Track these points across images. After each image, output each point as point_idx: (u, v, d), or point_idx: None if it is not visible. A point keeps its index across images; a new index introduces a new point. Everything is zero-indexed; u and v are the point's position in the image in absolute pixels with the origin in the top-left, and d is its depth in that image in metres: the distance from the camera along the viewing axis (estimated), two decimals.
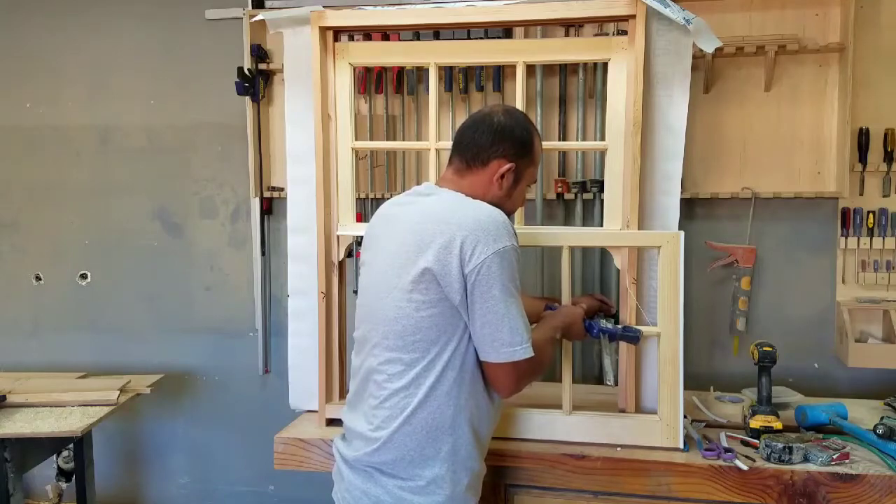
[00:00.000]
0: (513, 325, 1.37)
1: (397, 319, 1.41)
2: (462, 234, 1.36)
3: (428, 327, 1.39)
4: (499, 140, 1.49)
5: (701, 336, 2.51)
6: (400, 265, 1.41)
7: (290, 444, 1.94)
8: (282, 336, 2.75)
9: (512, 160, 1.50)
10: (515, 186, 1.54)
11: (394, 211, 1.54)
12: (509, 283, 1.37)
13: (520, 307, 1.40)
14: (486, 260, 1.35)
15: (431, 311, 1.39)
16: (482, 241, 1.35)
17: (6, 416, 2.31)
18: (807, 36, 2.35)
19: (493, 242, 1.35)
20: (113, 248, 2.93)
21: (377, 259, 1.50)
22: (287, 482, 2.86)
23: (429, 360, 1.40)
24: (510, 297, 1.37)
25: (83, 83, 2.89)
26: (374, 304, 1.48)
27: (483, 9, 1.91)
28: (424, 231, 1.40)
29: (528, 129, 1.54)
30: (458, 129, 1.56)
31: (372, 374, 1.46)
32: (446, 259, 1.36)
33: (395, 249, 1.43)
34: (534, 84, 2.46)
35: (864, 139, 2.32)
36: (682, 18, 1.79)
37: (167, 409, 2.95)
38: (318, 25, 1.93)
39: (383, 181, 2.62)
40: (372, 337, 1.47)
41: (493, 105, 1.59)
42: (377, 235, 1.55)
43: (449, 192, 1.49)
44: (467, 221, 1.37)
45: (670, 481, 1.72)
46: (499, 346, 1.38)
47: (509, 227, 1.40)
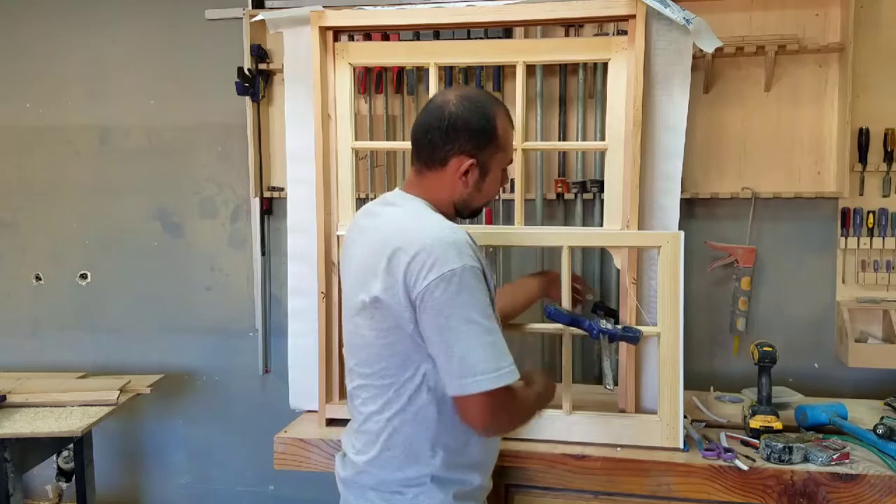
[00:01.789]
0: (464, 356, 1.24)
1: (363, 347, 1.37)
2: (406, 258, 1.26)
3: (391, 355, 1.33)
4: (453, 136, 1.36)
5: (701, 336, 2.51)
6: (359, 288, 1.35)
7: (290, 444, 1.94)
8: (282, 336, 2.75)
9: (472, 154, 1.37)
10: (484, 179, 1.42)
11: (364, 224, 1.44)
12: (462, 308, 1.24)
13: (479, 334, 1.25)
14: (430, 286, 1.24)
15: (391, 338, 1.31)
16: (426, 266, 1.24)
17: (6, 416, 2.31)
18: (807, 36, 2.35)
19: (437, 266, 1.24)
20: (113, 248, 2.93)
21: (346, 277, 1.46)
22: (287, 482, 2.86)
23: (398, 387, 1.34)
24: (465, 323, 1.24)
25: (83, 83, 2.89)
26: (346, 327, 1.45)
27: (483, 9, 1.91)
28: (375, 253, 1.32)
29: (488, 113, 1.38)
30: (413, 125, 1.43)
31: (352, 397, 1.46)
32: (393, 287, 1.27)
33: (356, 271, 1.38)
34: (534, 84, 2.46)
35: (864, 139, 2.32)
36: (682, 18, 1.79)
37: (167, 409, 2.95)
38: (318, 25, 1.93)
39: (383, 181, 2.62)
40: (349, 360, 1.45)
41: (445, 92, 1.41)
42: (348, 249, 1.48)
43: (410, 203, 1.39)
44: (411, 245, 1.27)
45: (670, 481, 1.72)
46: (450, 379, 1.27)
47: (461, 247, 1.27)
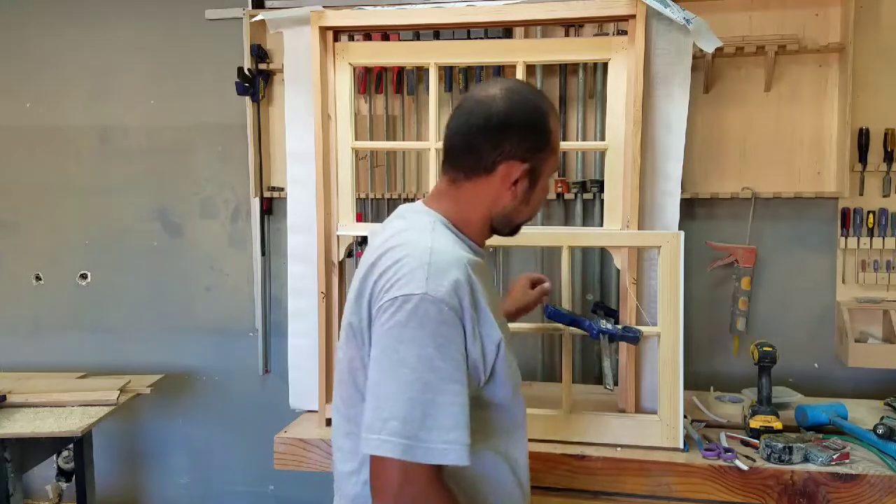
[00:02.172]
0: (377, 403, 1.02)
1: (339, 382, 1.19)
2: (376, 274, 1.09)
3: (355, 392, 1.13)
4: (503, 137, 1.13)
5: (701, 336, 2.51)
6: (347, 312, 1.18)
7: (290, 444, 1.94)
8: (282, 336, 2.75)
9: (525, 159, 1.14)
10: (533, 188, 1.19)
11: (370, 240, 1.28)
12: (401, 343, 1.02)
13: (410, 383, 1.00)
14: (382, 306, 1.04)
15: (356, 373, 1.13)
16: (388, 283, 1.05)
17: (6, 416, 2.31)
18: (807, 36, 2.35)
19: (398, 285, 1.04)
20: (113, 248, 2.93)
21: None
22: (287, 482, 2.86)
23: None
24: (396, 364, 1.01)
25: (83, 83, 2.89)
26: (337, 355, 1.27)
27: (483, 9, 1.91)
28: (359, 273, 1.15)
29: (540, 108, 1.16)
30: (447, 127, 1.20)
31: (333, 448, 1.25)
32: (361, 308, 1.10)
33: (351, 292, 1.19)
34: (534, 84, 2.46)
35: (864, 139, 2.32)
36: (682, 18, 1.79)
37: (167, 409, 2.95)
38: (318, 25, 1.93)
39: (383, 181, 2.62)
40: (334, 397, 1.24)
41: (485, 86, 1.19)
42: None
43: (418, 217, 1.17)
44: (388, 260, 1.09)
45: (670, 481, 1.72)
46: (363, 429, 1.03)
47: (442, 273, 1.05)
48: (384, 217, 2.60)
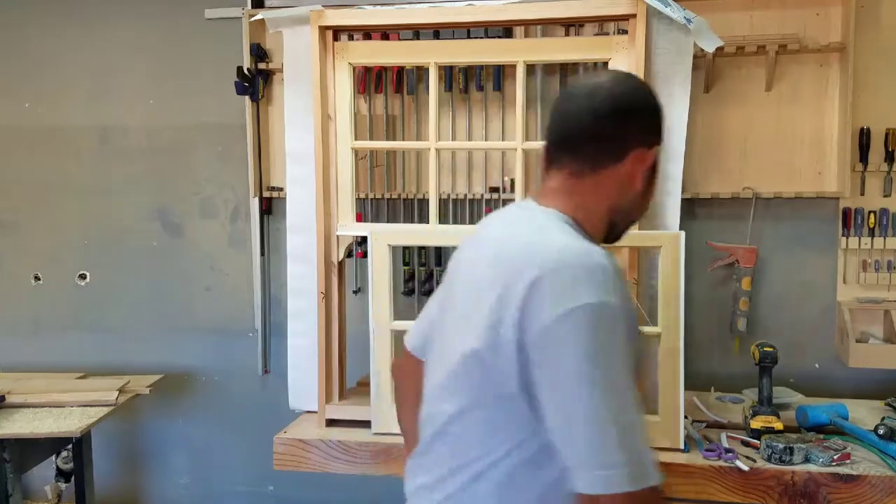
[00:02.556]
0: (592, 436, 0.88)
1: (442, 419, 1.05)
2: (522, 286, 0.93)
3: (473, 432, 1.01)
4: (632, 122, 1.05)
5: (701, 336, 2.51)
6: (459, 332, 1.03)
7: (290, 444, 1.94)
8: (282, 336, 2.74)
9: (650, 143, 1.07)
10: (652, 180, 1.11)
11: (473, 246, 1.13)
12: (589, 361, 0.88)
13: (612, 407, 0.88)
14: (553, 325, 0.89)
15: (479, 411, 1.00)
16: (551, 299, 0.90)
17: (5, 417, 2.30)
18: (807, 36, 2.35)
19: (566, 298, 0.90)
20: (113, 248, 2.93)
21: (449, 313, 1.11)
22: (287, 482, 2.85)
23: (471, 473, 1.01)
24: (592, 387, 0.88)
25: (83, 83, 2.89)
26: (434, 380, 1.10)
27: (483, 9, 1.91)
28: (478, 281, 1.01)
29: (654, 94, 1.12)
30: (557, 115, 1.08)
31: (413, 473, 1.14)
32: (497, 329, 0.94)
33: (460, 304, 1.06)
34: (534, 84, 2.46)
35: (865, 139, 2.32)
36: (682, 18, 1.78)
37: (167, 409, 2.94)
38: (318, 25, 1.93)
39: (383, 181, 2.61)
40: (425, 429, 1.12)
41: (591, 75, 1.14)
42: (455, 277, 1.14)
43: (537, 214, 1.05)
44: (531, 267, 0.93)
45: (671, 482, 1.71)
46: (578, 468, 0.89)
47: (604, 275, 0.92)
48: (384, 217, 2.64)
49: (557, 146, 1.08)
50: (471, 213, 2.57)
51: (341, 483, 2.77)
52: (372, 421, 1.94)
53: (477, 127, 2.56)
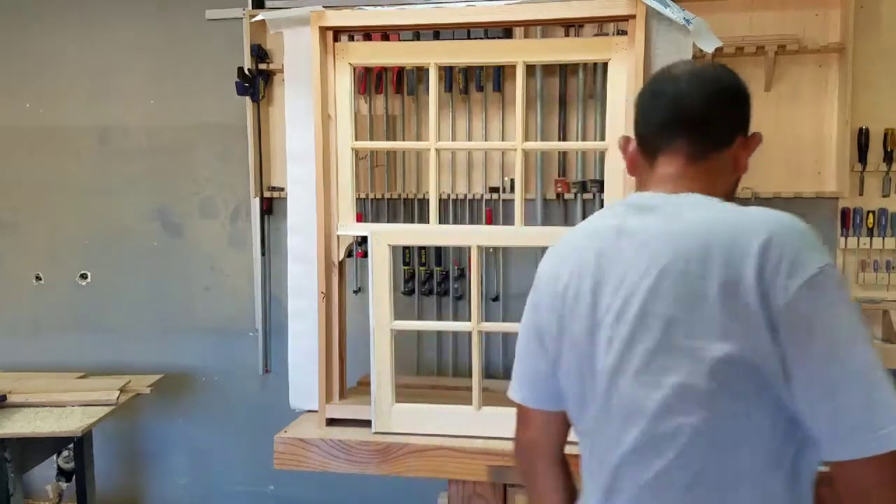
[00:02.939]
0: (880, 388, 0.83)
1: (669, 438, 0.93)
2: (753, 258, 0.87)
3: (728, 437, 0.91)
4: (740, 107, 1.06)
5: None
6: (670, 329, 0.91)
7: (291, 443, 1.94)
8: (282, 336, 2.74)
9: (748, 130, 1.08)
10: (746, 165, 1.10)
11: (622, 237, 1.00)
12: (854, 322, 0.85)
13: (874, 361, 0.85)
14: (799, 293, 0.84)
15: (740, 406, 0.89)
16: (784, 264, 0.86)
17: (6, 416, 2.31)
18: (807, 36, 2.35)
19: (802, 264, 0.86)
20: (113, 248, 2.93)
21: (610, 310, 0.98)
22: (287, 482, 2.86)
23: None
24: (865, 345, 0.85)
25: (83, 83, 2.89)
26: (627, 385, 0.96)
27: (483, 9, 1.91)
28: (683, 271, 0.91)
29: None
30: (683, 96, 1.04)
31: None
32: (746, 317, 0.86)
33: (649, 299, 0.93)
34: (534, 84, 2.46)
35: (864, 139, 2.32)
36: (682, 18, 1.79)
37: (167, 409, 2.95)
38: (318, 25, 1.93)
39: (383, 181, 2.62)
40: (600, 441, 1.03)
41: (687, 64, 1.12)
42: (600, 273, 1.00)
43: (695, 197, 1.00)
44: (750, 237, 0.89)
45: None
46: (860, 430, 0.83)
47: (815, 236, 0.92)
48: (384, 217, 2.64)
49: (673, 130, 1.04)
50: (471, 213, 2.58)
51: (341, 483, 2.78)
52: (372, 420, 1.94)
53: (477, 127, 2.57)
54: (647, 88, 1.11)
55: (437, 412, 1.93)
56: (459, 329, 2.27)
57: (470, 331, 1.93)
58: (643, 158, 1.09)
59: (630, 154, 1.13)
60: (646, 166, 1.08)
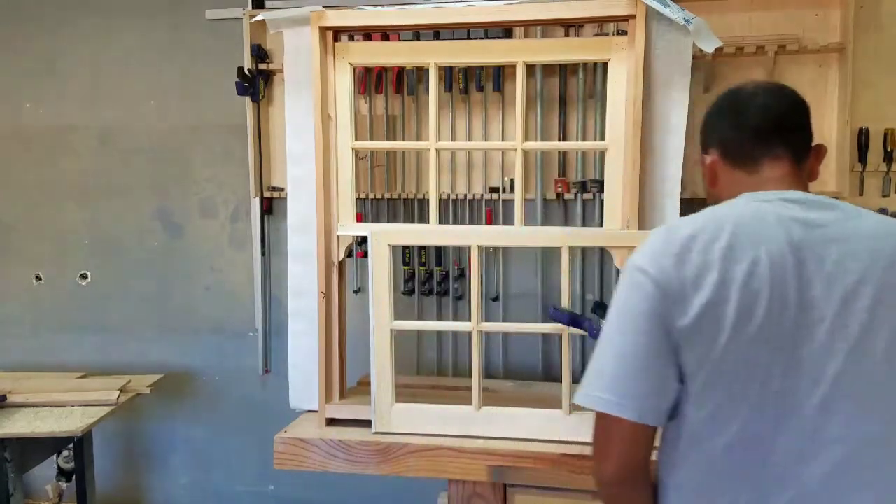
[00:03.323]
0: None
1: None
2: None
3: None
4: (810, 117, 1.19)
5: None
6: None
7: (291, 443, 1.94)
8: (282, 336, 2.75)
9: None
10: None
11: (815, 235, 1.05)
12: None
13: None
14: None
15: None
16: None
17: (6, 416, 2.31)
18: (807, 36, 2.35)
19: None
20: (113, 248, 2.93)
21: (828, 301, 1.02)
22: (287, 482, 2.86)
23: None
24: None
25: (83, 83, 2.89)
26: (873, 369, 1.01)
27: (483, 9, 1.91)
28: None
29: None
30: (771, 108, 1.16)
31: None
32: None
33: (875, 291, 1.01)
34: (534, 84, 2.46)
35: (864, 139, 2.32)
36: (682, 18, 1.79)
37: (167, 409, 2.95)
38: (318, 25, 1.93)
39: (383, 181, 2.62)
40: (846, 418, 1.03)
41: (766, 81, 1.27)
42: (801, 272, 1.02)
43: (840, 203, 1.11)
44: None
45: None
46: None
47: None
48: (384, 217, 2.64)
49: (770, 137, 1.14)
50: (471, 213, 2.58)
51: (341, 483, 2.78)
52: (372, 420, 1.94)
53: (477, 127, 2.57)
54: (722, 105, 1.22)
55: (437, 412, 1.93)
56: (459, 329, 2.27)
57: (470, 331, 1.93)
58: (732, 167, 1.18)
59: (710, 166, 1.21)
60: (737, 173, 1.17)
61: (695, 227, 1.08)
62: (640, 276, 1.07)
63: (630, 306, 1.08)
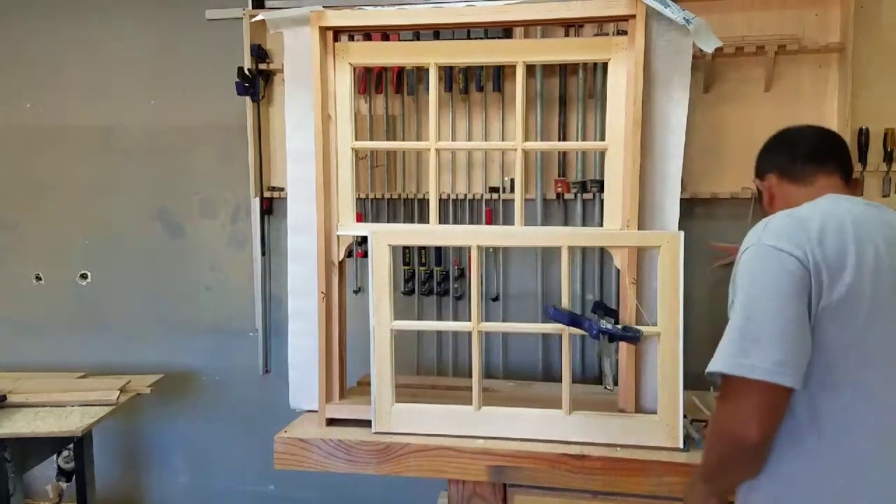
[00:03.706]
0: None
1: None
2: None
3: None
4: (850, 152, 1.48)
5: (701, 336, 2.50)
6: None
7: (290, 443, 1.94)
8: (282, 336, 2.75)
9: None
10: None
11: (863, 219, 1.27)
12: None
13: None
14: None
15: None
16: None
17: (6, 416, 2.31)
18: (807, 36, 2.35)
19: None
20: (113, 248, 2.93)
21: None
22: (287, 482, 2.86)
23: None
24: None
25: (83, 83, 2.89)
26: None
27: (483, 9, 1.92)
28: None
29: None
30: (837, 144, 1.47)
31: None
32: None
33: None
34: (534, 84, 2.46)
35: (864, 139, 2.32)
36: (682, 18, 1.79)
37: (167, 409, 2.95)
38: (318, 25, 1.93)
39: (383, 181, 2.62)
40: None
41: (795, 125, 1.54)
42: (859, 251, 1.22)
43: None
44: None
45: (670, 481, 1.72)
46: None
47: None
48: (384, 217, 2.64)
49: (824, 157, 1.42)
50: (471, 213, 2.58)
51: (341, 482, 2.78)
52: (372, 420, 1.94)
53: (477, 127, 2.57)
54: (775, 141, 1.51)
55: (437, 412, 1.93)
56: (459, 329, 2.27)
57: (470, 331, 1.93)
58: (788, 184, 1.44)
59: (769, 187, 1.48)
60: (793, 189, 1.42)
61: (815, 214, 1.27)
62: (781, 255, 1.21)
63: (778, 283, 1.21)
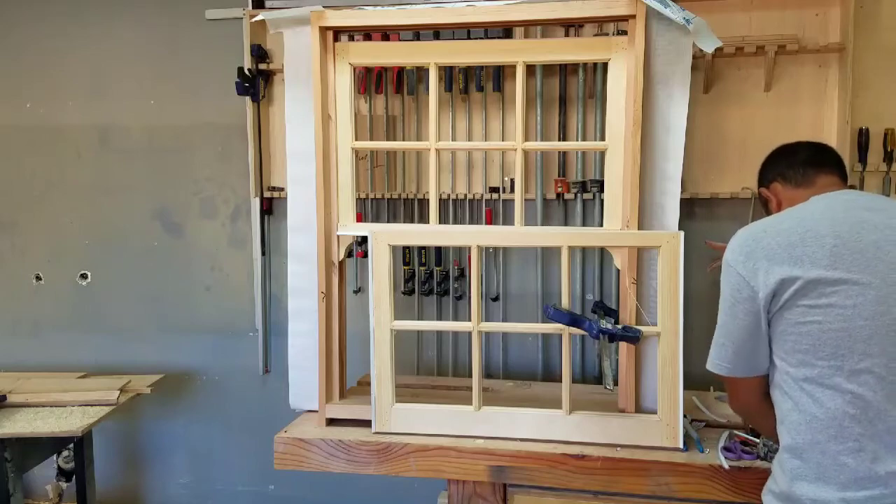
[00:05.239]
0: None
1: None
2: None
3: None
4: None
5: (701, 336, 2.49)
6: None
7: (291, 443, 1.94)
8: (282, 336, 2.75)
9: None
10: None
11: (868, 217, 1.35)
12: None
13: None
14: None
15: None
16: None
17: (6, 416, 2.31)
18: (807, 36, 2.35)
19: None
20: (113, 248, 2.93)
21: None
22: (287, 482, 2.86)
23: None
24: None
25: (83, 83, 2.89)
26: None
27: (483, 9, 1.92)
28: None
29: None
30: (826, 149, 1.61)
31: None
32: None
33: None
34: (534, 84, 2.46)
35: (864, 139, 2.32)
36: (682, 18, 1.79)
37: (167, 409, 2.95)
38: (318, 25, 1.93)
39: (383, 181, 2.62)
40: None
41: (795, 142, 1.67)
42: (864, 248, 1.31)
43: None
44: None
45: (670, 481, 1.72)
46: None
47: None
48: (384, 217, 2.64)
49: (822, 161, 1.56)
50: (471, 213, 2.58)
51: (341, 483, 2.78)
52: (372, 420, 1.94)
53: (477, 127, 2.57)
54: (774, 154, 1.66)
55: (437, 412, 1.93)
56: (459, 329, 2.27)
57: (470, 331, 1.93)
58: (791, 189, 1.56)
59: (774, 193, 1.61)
60: (795, 192, 1.55)
61: (793, 215, 1.40)
62: (730, 271, 1.41)
63: (730, 297, 1.46)
